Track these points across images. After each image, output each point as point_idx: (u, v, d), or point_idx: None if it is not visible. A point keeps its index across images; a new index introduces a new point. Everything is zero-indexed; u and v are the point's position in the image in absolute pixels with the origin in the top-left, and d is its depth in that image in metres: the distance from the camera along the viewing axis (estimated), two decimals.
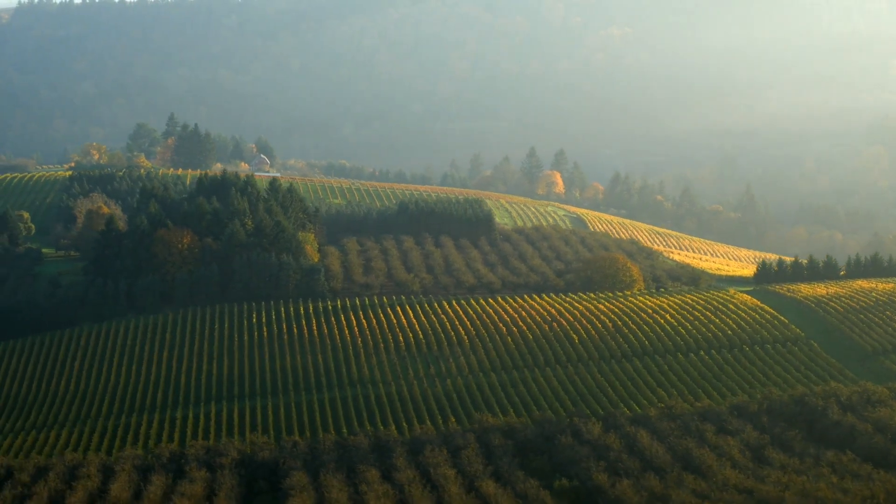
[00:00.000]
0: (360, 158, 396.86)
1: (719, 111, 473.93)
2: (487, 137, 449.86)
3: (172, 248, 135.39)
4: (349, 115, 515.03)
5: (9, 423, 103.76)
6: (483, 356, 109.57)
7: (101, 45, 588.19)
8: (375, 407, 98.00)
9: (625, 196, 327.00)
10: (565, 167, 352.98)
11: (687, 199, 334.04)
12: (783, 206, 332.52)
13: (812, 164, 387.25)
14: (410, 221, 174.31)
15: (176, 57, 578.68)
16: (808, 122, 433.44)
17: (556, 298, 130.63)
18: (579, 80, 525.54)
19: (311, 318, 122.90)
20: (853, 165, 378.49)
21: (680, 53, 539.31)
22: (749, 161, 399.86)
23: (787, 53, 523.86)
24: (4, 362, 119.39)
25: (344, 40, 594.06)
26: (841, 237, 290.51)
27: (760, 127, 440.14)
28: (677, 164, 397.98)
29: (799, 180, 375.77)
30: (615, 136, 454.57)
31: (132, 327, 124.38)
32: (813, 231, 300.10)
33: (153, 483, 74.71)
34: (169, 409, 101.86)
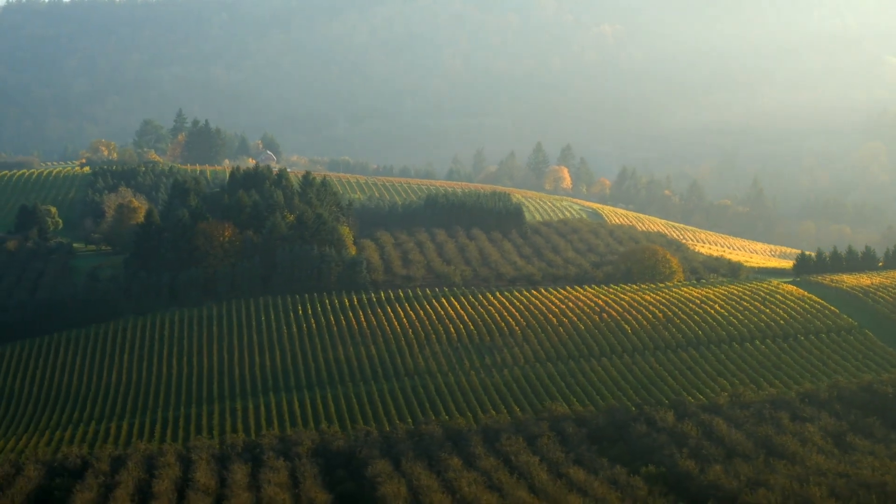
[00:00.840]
0: (356, 155, 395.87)
1: (713, 108, 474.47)
2: (482, 134, 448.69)
3: (214, 240, 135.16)
4: (342, 112, 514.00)
5: (65, 414, 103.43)
6: (537, 347, 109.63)
7: (92, 44, 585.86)
8: (436, 397, 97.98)
9: (632, 191, 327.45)
10: (572, 162, 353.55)
11: (695, 194, 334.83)
12: (786, 201, 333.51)
13: (811, 160, 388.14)
14: (439, 215, 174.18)
15: (167, 55, 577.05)
16: (803, 119, 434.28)
17: (599, 289, 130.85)
18: (572, 77, 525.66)
19: (357, 310, 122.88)
20: (852, 161, 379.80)
21: (672, 51, 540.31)
22: (748, 157, 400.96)
23: (777, 51, 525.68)
24: (52, 354, 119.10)
25: (335, 38, 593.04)
26: (850, 231, 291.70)
27: (755, 123, 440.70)
28: (674, 161, 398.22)
29: (799, 175, 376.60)
30: (610, 134, 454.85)
31: (177, 320, 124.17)
32: (821, 225, 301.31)
33: (235, 471, 74.61)
34: (227, 400, 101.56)
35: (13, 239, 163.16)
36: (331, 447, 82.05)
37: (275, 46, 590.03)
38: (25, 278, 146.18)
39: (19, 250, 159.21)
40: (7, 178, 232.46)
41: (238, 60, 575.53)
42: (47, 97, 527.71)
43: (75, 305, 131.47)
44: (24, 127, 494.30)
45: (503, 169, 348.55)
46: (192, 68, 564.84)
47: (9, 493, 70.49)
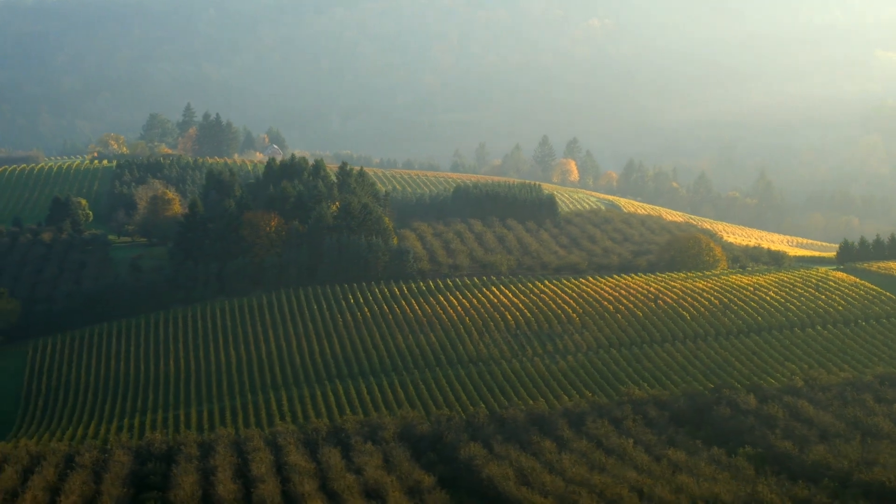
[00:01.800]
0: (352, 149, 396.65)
1: (705, 102, 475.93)
2: (475, 129, 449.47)
3: (260, 230, 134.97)
4: (335, 107, 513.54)
5: (128, 403, 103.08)
6: (597, 334, 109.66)
7: (80, 41, 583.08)
8: (504, 382, 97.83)
9: (640, 184, 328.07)
10: (578, 155, 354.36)
11: (703, 186, 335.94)
12: (788, 194, 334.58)
13: (809, 153, 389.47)
14: (470, 206, 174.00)
15: (156, 51, 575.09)
16: (796, 113, 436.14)
17: (648, 277, 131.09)
18: (563, 72, 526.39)
19: (408, 299, 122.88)
20: (850, 154, 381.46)
21: (661, 45, 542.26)
22: (745, 150, 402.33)
23: (766, 45, 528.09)
24: (104, 344, 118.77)
25: (324, 33, 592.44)
26: (858, 222, 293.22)
27: (748, 117, 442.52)
28: (669, 155, 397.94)
29: (798, 168, 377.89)
30: (603, 128, 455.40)
31: (227, 309, 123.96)
32: (830, 216, 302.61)
33: (329, 454, 74.46)
34: (292, 388, 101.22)
35: (48, 231, 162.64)
36: (415, 431, 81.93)
37: (264, 42, 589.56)
38: (67, 269, 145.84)
39: (55, 242, 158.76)
40: (27, 172, 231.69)
41: (227, 56, 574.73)
42: (38, 94, 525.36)
43: (122, 296, 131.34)
44: (17, 124, 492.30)
45: (508, 162, 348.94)
46: (182, 64, 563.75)
47: (106, 478, 70.26)
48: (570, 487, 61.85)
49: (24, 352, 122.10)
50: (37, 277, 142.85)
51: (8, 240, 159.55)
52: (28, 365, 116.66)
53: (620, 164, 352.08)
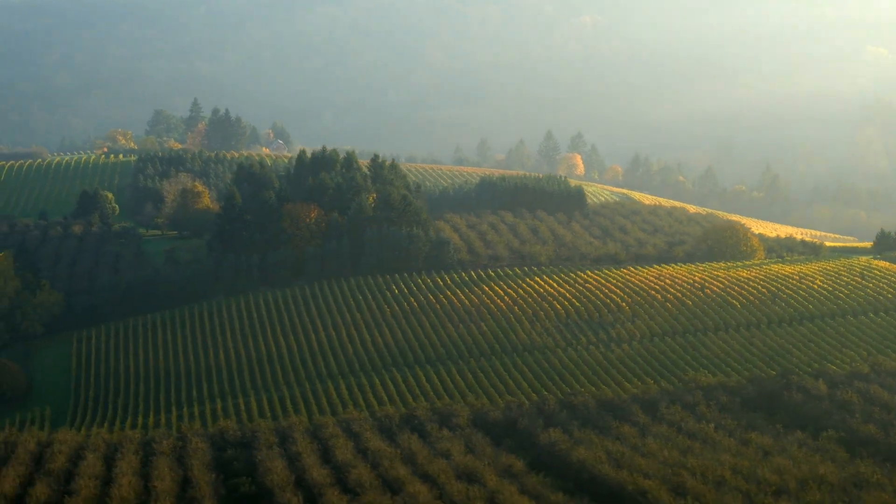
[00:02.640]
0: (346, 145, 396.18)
1: (697, 98, 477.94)
2: (468, 125, 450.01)
3: (300, 222, 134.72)
4: (327, 103, 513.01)
5: (182, 393, 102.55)
6: (649, 322, 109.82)
7: (70, 38, 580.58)
8: (563, 370, 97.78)
9: (646, 178, 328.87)
10: (583, 150, 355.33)
11: (709, 180, 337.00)
12: (789, 188, 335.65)
13: (806, 148, 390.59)
14: (498, 198, 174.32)
15: (146, 49, 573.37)
16: (788, 108, 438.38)
17: (691, 267, 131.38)
18: (555, 68, 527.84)
19: (453, 289, 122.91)
20: (846, 149, 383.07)
21: (652, 42, 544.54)
22: (742, 144, 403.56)
23: (756, 41, 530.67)
24: (150, 335, 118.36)
25: (315, 30, 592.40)
26: (865, 215, 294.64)
27: (741, 113, 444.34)
28: (663, 150, 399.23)
29: (796, 163, 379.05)
30: (596, 124, 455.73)
31: (271, 299, 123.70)
32: (836, 209, 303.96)
33: (409, 440, 74.39)
34: (349, 376, 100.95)
35: (78, 224, 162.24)
36: (488, 418, 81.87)
37: (255, 39, 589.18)
38: (102, 262, 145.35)
39: (85, 235, 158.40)
40: (45, 167, 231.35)
41: (219, 53, 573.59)
42: (30, 91, 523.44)
43: (164, 287, 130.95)
44: (10, 121, 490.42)
45: (513, 157, 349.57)
46: (173, 62, 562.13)
47: (190, 463, 70.06)
48: (671, 469, 61.87)
49: (67, 343, 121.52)
50: (72, 270, 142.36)
51: (38, 233, 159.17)
52: (74, 357, 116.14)
53: (616, 159, 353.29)
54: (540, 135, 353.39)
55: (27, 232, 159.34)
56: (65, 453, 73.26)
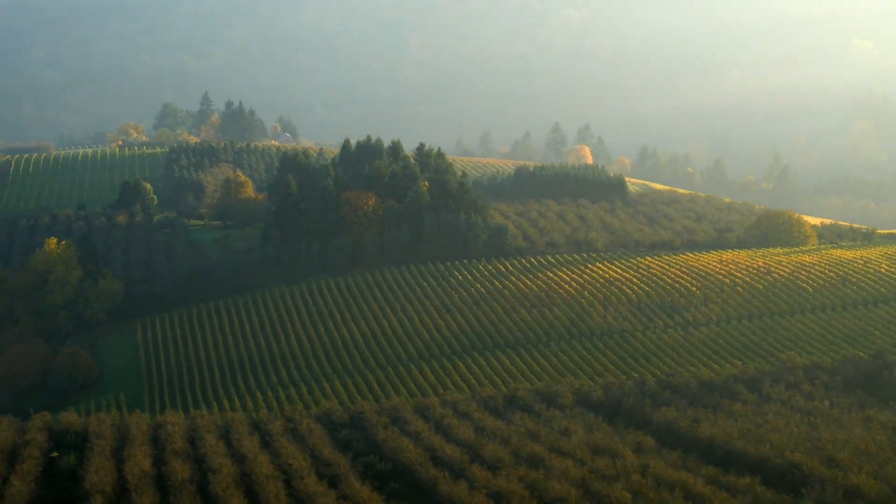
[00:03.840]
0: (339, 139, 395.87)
1: (685, 92, 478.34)
2: (459, 119, 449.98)
3: (358, 210, 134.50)
4: (316, 97, 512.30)
5: (260, 378, 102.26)
6: (723, 306, 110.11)
7: (56, 34, 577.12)
8: (647, 352, 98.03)
9: (654, 169, 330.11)
10: (591, 142, 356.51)
11: (718, 171, 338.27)
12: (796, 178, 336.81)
13: (802, 141, 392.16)
14: (536, 187, 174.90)
15: (133, 44, 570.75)
16: (778, 102, 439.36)
17: (751, 253, 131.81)
18: (543, 63, 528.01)
19: (517, 275, 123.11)
20: (840, 141, 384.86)
21: (637, 36, 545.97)
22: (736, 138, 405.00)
23: (742, 35, 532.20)
24: (216, 321, 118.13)
25: (300, 25, 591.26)
26: (874, 206, 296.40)
27: (730, 106, 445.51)
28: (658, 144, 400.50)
29: (792, 156, 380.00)
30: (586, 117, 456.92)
31: (334, 286, 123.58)
32: (846, 200, 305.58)
33: (524, 420, 74.36)
34: (431, 361, 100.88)
35: (122, 214, 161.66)
36: (591, 398, 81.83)
37: (241, 35, 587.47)
38: (155, 251, 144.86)
39: (130, 225, 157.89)
40: (71, 159, 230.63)
41: (205, 49, 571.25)
42: (19, 87, 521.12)
43: (223, 275, 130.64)
44: (1, 117, 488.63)
45: (519, 149, 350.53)
46: (159, 58, 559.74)
47: (311, 444, 69.82)
48: (811, 443, 62.00)
49: (131, 331, 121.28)
50: (125, 259, 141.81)
51: (83, 223, 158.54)
52: (141, 344, 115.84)
53: (613, 152, 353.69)
54: (533, 128, 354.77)
55: (72, 222, 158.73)
56: (180, 434, 72.96)
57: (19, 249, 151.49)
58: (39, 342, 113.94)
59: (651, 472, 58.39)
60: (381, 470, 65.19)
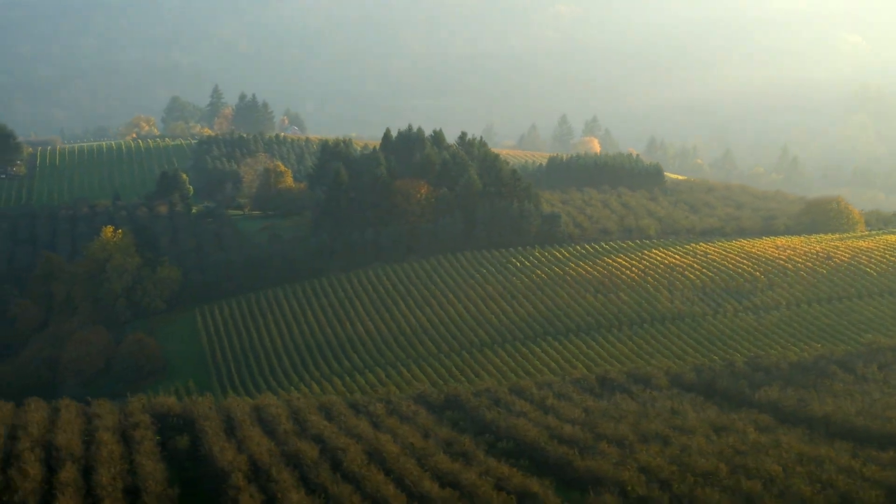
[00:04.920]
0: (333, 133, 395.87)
1: (676, 86, 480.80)
2: (451, 114, 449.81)
3: (411, 198, 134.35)
4: (306, 92, 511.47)
5: (334, 363, 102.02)
6: (790, 290, 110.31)
7: (44, 30, 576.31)
8: (722, 335, 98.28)
9: (664, 161, 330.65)
10: (598, 134, 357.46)
11: (728, 163, 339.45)
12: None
13: (796, 134, 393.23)
14: (572, 176, 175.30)
15: (122, 39, 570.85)
16: (769, 96, 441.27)
17: (805, 239, 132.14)
18: (535, 57, 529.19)
19: (575, 261, 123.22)
20: (837, 134, 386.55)
21: (629, 30, 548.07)
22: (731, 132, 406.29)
23: (730, 30, 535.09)
24: (276, 308, 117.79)
25: (289, 20, 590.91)
26: (884, 196, 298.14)
27: (722, 100, 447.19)
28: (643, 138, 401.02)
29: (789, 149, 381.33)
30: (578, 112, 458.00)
31: (391, 274, 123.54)
32: (855, 192, 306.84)
33: (624, 400, 74.41)
34: (504, 345, 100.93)
35: (163, 204, 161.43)
36: (684, 379, 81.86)
37: (229, 29, 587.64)
38: (203, 240, 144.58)
39: (172, 215, 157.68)
40: (96, 151, 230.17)
41: (194, 44, 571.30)
42: (9, 84, 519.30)
43: (279, 263, 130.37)
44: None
45: (525, 142, 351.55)
46: (148, 52, 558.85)
47: (424, 423, 69.64)
48: None
49: (189, 318, 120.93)
50: (175, 248, 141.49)
51: (125, 213, 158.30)
52: (202, 331, 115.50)
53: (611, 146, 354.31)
54: (528, 121, 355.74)
55: (114, 212, 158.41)
56: (283, 416, 72.80)
57: (64, 239, 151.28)
58: (102, 329, 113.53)
59: (785, 447, 58.48)
60: (504, 448, 65.09)
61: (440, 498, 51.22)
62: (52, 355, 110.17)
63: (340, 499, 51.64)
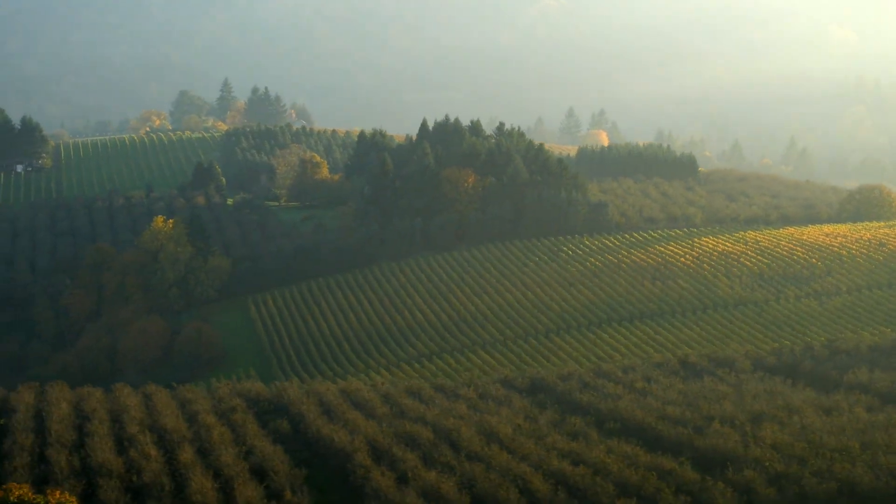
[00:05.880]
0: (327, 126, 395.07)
1: (667, 79, 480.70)
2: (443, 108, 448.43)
3: (459, 187, 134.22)
4: (297, 87, 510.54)
5: (399, 351, 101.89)
6: (849, 276, 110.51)
7: (32, 26, 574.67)
8: (788, 320, 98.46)
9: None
10: (605, 126, 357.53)
11: (736, 154, 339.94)
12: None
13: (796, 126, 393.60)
14: (604, 166, 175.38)
15: (111, 34, 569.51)
16: (761, 89, 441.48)
17: (852, 226, 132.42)
18: (524, 51, 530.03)
19: (627, 249, 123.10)
20: (833, 127, 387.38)
21: (616, 24, 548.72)
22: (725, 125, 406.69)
23: (718, 23, 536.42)
24: (330, 297, 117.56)
25: (278, 16, 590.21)
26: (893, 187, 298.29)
27: (714, 94, 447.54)
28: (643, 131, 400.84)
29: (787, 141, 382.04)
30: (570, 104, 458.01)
31: (443, 262, 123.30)
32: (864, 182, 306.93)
33: (713, 382, 74.64)
34: (572, 332, 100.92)
35: (200, 195, 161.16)
36: (765, 362, 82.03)
37: (218, 25, 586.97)
38: (247, 230, 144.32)
39: (210, 206, 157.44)
40: (119, 144, 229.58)
41: (183, 39, 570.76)
42: (1, 79, 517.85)
43: (328, 252, 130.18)
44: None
45: (533, 135, 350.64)
46: (138, 47, 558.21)
47: (517, 406, 69.74)
48: None
49: (242, 307, 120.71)
50: (222, 238, 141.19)
51: (163, 204, 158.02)
52: (257, 320, 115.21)
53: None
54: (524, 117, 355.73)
55: (152, 203, 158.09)
56: (375, 400, 72.78)
57: (103, 230, 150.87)
58: (158, 319, 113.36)
59: None
60: (612, 429, 65.21)
61: (576, 476, 51.36)
62: (110, 344, 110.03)
63: (472, 477, 51.78)
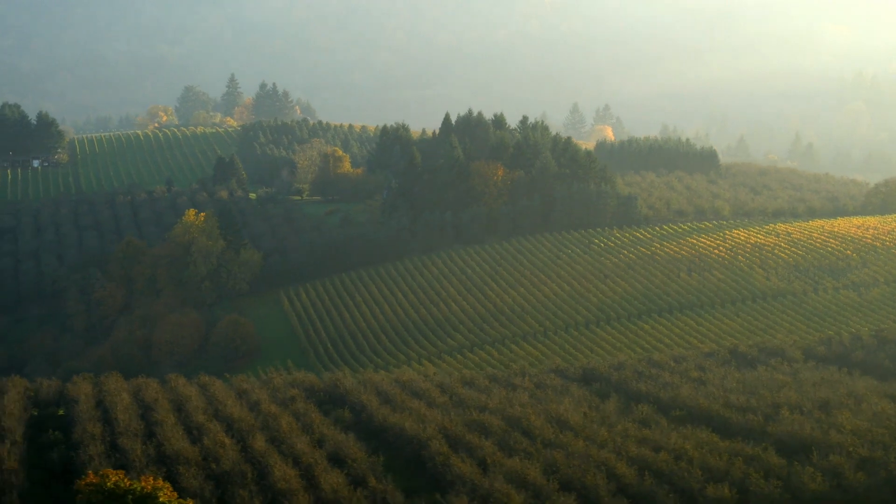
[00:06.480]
0: None
1: (662, 75, 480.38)
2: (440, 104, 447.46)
3: (488, 180, 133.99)
4: (292, 84, 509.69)
5: (439, 342, 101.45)
6: (886, 267, 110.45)
7: (26, 22, 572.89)
8: (828, 310, 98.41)
9: None
10: (610, 122, 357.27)
11: (742, 149, 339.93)
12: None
13: (795, 121, 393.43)
14: (624, 160, 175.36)
15: (105, 32, 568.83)
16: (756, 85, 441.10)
17: (881, 218, 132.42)
18: (519, 48, 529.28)
19: (660, 242, 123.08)
20: (831, 122, 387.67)
21: (609, 21, 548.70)
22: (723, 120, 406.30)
23: (711, 20, 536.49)
24: (364, 290, 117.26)
25: (271, 13, 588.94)
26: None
27: (709, 90, 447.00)
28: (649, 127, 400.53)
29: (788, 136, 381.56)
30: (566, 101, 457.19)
31: (475, 255, 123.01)
32: (870, 177, 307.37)
33: (766, 372, 74.57)
34: (613, 323, 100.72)
35: (223, 189, 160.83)
36: (816, 351, 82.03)
37: (212, 22, 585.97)
38: (275, 224, 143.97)
39: (233, 200, 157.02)
40: (133, 139, 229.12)
41: (177, 36, 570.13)
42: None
43: (360, 246, 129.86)
44: None
45: None
46: (132, 45, 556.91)
47: (579, 396, 69.63)
48: None
49: (274, 300, 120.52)
50: (250, 231, 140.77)
51: (186, 198, 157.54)
52: (291, 313, 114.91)
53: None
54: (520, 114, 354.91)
55: (175, 198, 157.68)
56: (432, 389, 72.60)
57: (127, 224, 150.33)
58: (192, 312, 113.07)
59: None
60: (678, 416, 65.12)
61: (659, 462, 51.25)
62: (144, 337, 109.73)
63: (554, 462, 51.66)
